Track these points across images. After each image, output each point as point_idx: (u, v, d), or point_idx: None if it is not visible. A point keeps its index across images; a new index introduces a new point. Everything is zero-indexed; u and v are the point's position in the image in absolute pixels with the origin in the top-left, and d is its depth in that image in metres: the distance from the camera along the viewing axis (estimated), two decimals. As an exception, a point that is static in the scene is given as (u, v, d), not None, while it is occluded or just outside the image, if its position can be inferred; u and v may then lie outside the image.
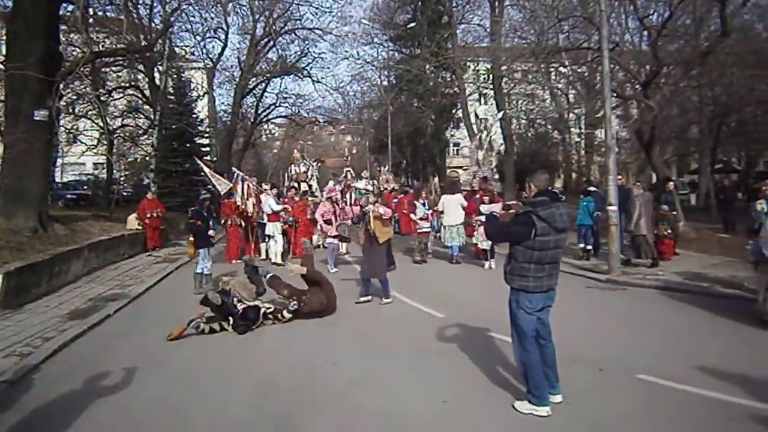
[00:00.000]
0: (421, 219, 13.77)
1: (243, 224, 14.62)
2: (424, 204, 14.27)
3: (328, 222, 13.18)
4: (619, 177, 12.31)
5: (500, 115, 23.47)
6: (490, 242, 11.50)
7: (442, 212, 13.41)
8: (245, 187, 14.13)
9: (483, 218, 9.19)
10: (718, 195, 17.64)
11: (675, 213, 13.14)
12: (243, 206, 14.05)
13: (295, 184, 17.46)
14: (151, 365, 6.17)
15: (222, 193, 14.68)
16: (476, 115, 26.38)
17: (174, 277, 12.28)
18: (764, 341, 6.60)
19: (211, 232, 10.90)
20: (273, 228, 14.07)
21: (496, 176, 23.90)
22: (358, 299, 9.12)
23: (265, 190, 14.95)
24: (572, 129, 37.12)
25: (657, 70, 14.07)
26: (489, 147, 20.45)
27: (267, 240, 14.28)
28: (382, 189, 20.19)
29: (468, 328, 7.24)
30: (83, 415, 4.79)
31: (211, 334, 7.37)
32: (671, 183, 13.74)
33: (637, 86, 17.19)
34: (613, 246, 10.72)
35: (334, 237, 13.02)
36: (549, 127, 38.50)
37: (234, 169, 17.27)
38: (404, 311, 8.63)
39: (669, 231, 12.27)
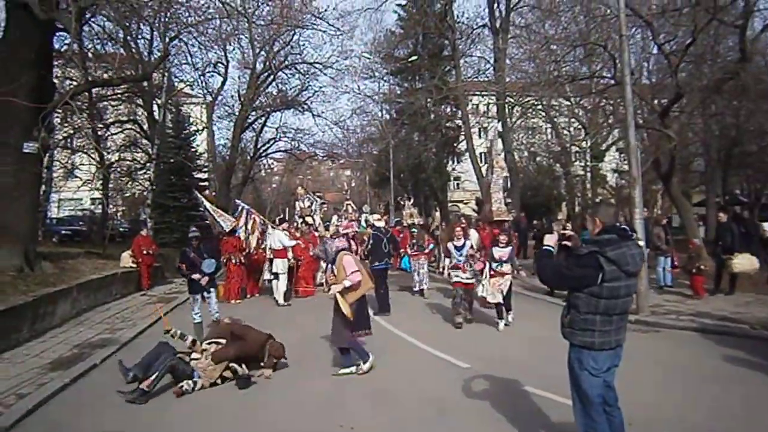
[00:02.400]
0: (454, 267, 10.26)
1: (244, 262, 13.93)
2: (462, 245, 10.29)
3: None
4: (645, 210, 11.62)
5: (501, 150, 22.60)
6: (500, 296, 9.49)
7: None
8: (250, 220, 13.43)
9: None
10: (738, 228, 16.90)
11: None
12: (246, 241, 13.34)
13: (308, 219, 16.77)
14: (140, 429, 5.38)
15: (227, 230, 13.98)
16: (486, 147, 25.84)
17: (169, 319, 11.43)
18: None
19: (195, 276, 9.07)
20: (281, 265, 13.26)
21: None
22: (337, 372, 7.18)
23: (273, 224, 14.29)
24: (576, 162, 36.59)
25: (676, 99, 13.52)
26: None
27: (274, 278, 13.46)
28: (405, 224, 19.49)
29: (499, 381, 6.44)
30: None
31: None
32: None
33: (644, 116, 16.75)
34: (641, 284, 9.96)
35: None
36: (551, 160, 38.11)
37: (238, 201, 16.58)
38: (423, 360, 7.83)
39: (704, 266, 11.57)
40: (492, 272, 9.68)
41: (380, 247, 11.75)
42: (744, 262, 11.45)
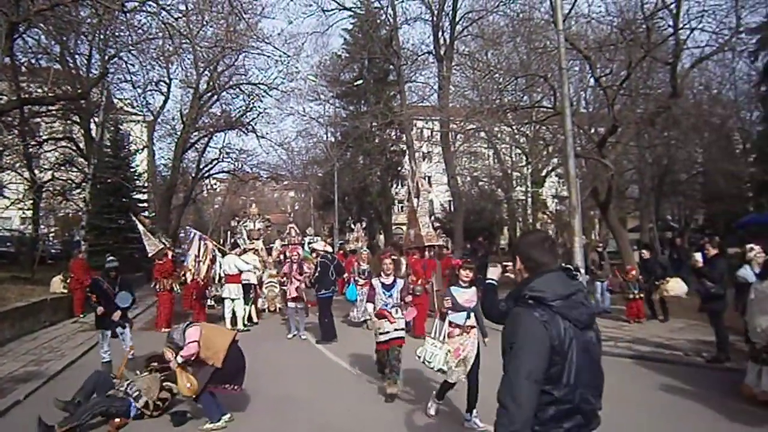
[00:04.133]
0: (380, 315, 7.38)
1: (177, 289, 13.50)
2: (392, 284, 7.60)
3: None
4: (584, 238, 11.92)
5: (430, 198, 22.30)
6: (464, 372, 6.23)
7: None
8: (202, 247, 13.01)
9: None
10: (671, 254, 17.64)
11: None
12: (194, 269, 12.86)
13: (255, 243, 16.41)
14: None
15: (150, 254, 13.81)
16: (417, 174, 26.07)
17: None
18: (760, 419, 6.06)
19: (99, 310, 8.26)
20: (235, 290, 12.85)
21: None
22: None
23: (225, 249, 13.93)
24: (517, 187, 37.51)
25: (612, 130, 14.03)
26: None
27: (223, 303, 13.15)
28: (349, 249, 19.21)
29: (446, 415, 6.40)
30: None
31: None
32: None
33: (582, 144, 17.29)
34: (580, 311, 10.16)
35: (294, 300, 11.89)
36: (493, 185, 38.92)
37: (188, 228, 16.13)
38: (365, 390, 7.72)
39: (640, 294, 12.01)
40: (451, 328, 6.24)
41: (327, 275, 11.60)
42: (675, 286, 11.90)
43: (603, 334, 9.91)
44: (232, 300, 12.89)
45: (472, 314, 6.24)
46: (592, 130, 17.31)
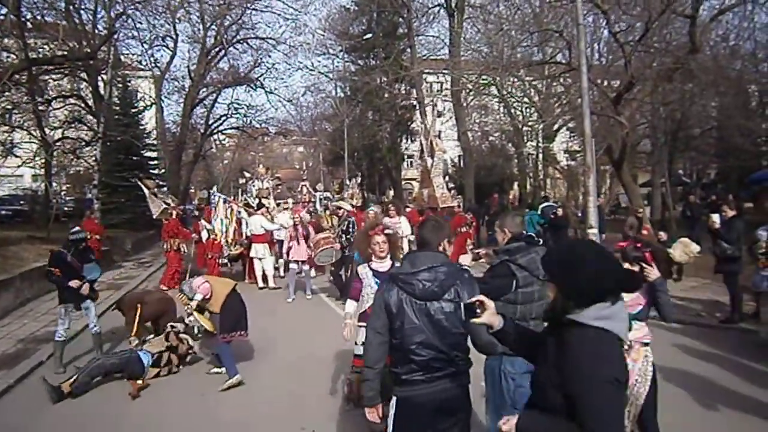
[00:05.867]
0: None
1: (183, 248, 13.63)
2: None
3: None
4: (600, 196, 11.81)
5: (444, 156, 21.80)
6: None
7: None
8: (227, 209, 13.11)
9: None
10: (684, 211, 17.47)
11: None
12: (222, 233, 13.01)
13: (264, 201, 16.41)
14: None
15: (155, 216, 14.17)
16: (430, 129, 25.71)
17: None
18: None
19: (72, 283, 7.14)
20: (262, 249, 12.98)
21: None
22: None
23: (252, 209, 13.94)
24: (528, 142, 37.05)
25: (629, 87, 13.75)
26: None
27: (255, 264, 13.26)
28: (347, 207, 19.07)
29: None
30: None
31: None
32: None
33: (594, 98, 17.00)
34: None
35: (297, 261, 11.97)
36: (504, 140, 38.49)
37: (213, 191, 16.21)
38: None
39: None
40: None
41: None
42: (678, 251, 11.81)
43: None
44: (260, 259, 13.06)
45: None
46: (605, 84, 16.97)
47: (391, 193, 39.32)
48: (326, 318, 9.73)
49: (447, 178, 13.40)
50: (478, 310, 2.49)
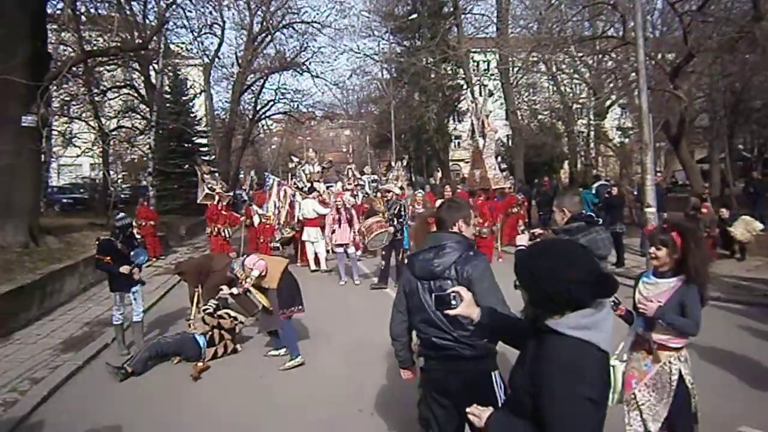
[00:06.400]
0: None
1: (225, 233, 13.73)
2: None
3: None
4: (658, 174, 11.38)
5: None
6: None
7: None
8: (281, 192, 13.26)
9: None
10: (746, 188, 16.74)
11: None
12: (274, 214, 13.17)
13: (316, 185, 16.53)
14: (160, 414, 5.36)
15: (198, 200, 14.42)
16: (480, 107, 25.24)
17: (177, 292, 11.32)
18: None
19: (123, 269, 7.20)
20: (314, 233, 13.04)
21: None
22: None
23: (304, 193, 14.03)
24: (578, 120, 36.12)
25: (688, 58, 13.17)
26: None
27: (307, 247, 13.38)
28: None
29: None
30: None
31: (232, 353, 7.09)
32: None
33: (648, 72, 16.34)
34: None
35: (341, 245, 11.83)
36: (553, 118, 37.61)
37: (268, 174, 16.37)
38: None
39: (706, 232, 11.45)
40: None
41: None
42: (740, 229, 11.33)
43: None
44: (312, 243, 13.16)
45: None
46: (659, 56, 16.30)
47: (439, 174, 39.08)
48: (380, 301, 9.68)
49: (499, 158, 12.97)
50: (454, 302, 2.33)
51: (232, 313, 7.48)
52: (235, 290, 7.09)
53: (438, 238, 3.20)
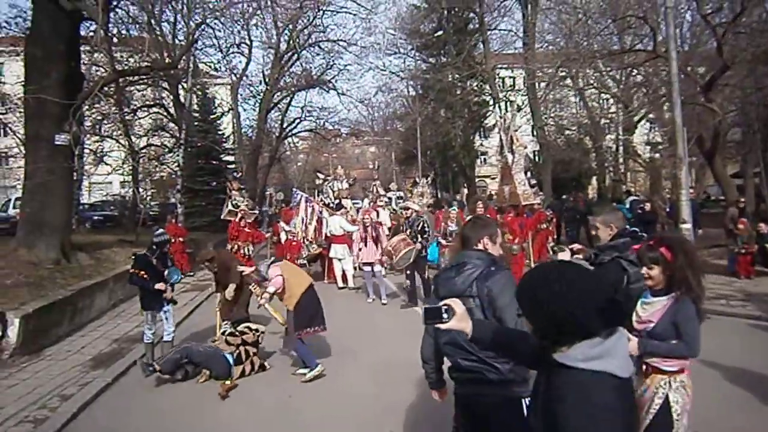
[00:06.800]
0: None
1: (246, 251, 13.65)
2: None
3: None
4: (691, 189, 11.08)
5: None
6: None
7: None
8: (308, 209, 13.28)
9: None
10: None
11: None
12: (302, 231, 13.18)
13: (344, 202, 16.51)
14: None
15: (222, 216, 14.45)
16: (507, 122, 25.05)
17: (205, 308, 11.35)
18: None
19: (159, 286, 7.20)
20: (341, 250, 13.01)
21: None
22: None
23: (332, 210, 14.04)
24: (607, 135, 35.67)
25: (723, 71, 12.90)
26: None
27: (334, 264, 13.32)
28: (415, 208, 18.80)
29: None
30: None
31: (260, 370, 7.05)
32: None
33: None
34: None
35: (368, 264, 11.59)
36: (580, 133, 37.22)
37: (296, 190, 16.41)
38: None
39: (744, 248, 11.14)
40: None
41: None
42: None
43: (711, 291, 9.36)
44: (339, 260, 13.10)
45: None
46: (689, 69, 16.00)
47: (465, 191, 38.84)
48: (408, 319, 9.56)
49: (528, 174, 12.74)
50: (445, 315, 2.21)
51: (252, 326, 7.41)
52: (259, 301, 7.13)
53: (461, 256, 3.15)
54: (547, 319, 1.75)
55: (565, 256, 4.02)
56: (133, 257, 7.61)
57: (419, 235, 10.69)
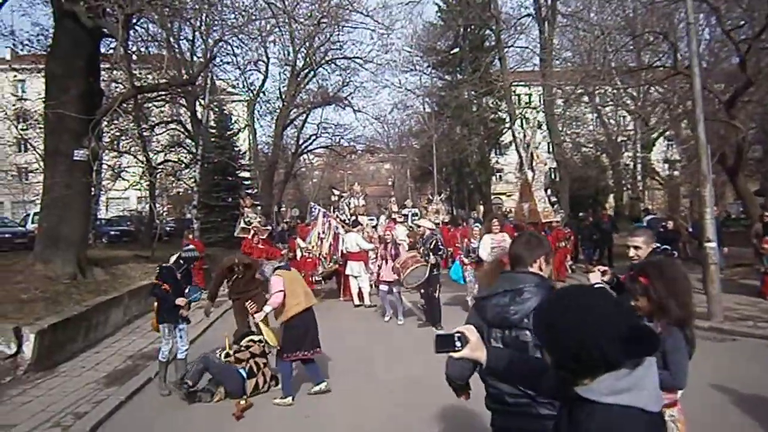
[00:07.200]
0: None
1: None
2: None
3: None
4: (714, 208, 10.83)
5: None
6: None
7: None
8: (325, 224, 13.21)
9: None
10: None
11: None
12: (317, 245, 13.10)
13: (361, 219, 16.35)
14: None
15: (235, 233, 14.74)
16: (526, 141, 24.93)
17: (219, 326, 11.25)
18: None
19: (180, 301, 6.99)
20: (357, 267, 12.91)
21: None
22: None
23: (348, 226, 13.93)
24: (624, 152, 35.39)
25: (746, 87, 12.71)
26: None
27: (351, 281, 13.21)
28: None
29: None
30: None
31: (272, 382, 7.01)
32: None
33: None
34: (713, 288, 9.37)
35: (388, 282, 11.22)
36: (597, 151, 36.99)
37: (313, 204, 16.31)
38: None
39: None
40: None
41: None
42: None
43: (737, 312, 9.12)
44: (356, 277, 12.97)
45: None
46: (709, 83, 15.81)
47: (482, 208, 38.70)
48: (425, 338, 9.34)
49: (548, 191, 12.50)
50: (458, 344, 2.08)
51: (255, 338, 7.34)
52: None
53: (515, 280, 2.79)
54: (566, 349, 1.57)
55: (596, 278, 3.87)
56: (159, 268, 7.42)
57: (431, 253, 10.49)
